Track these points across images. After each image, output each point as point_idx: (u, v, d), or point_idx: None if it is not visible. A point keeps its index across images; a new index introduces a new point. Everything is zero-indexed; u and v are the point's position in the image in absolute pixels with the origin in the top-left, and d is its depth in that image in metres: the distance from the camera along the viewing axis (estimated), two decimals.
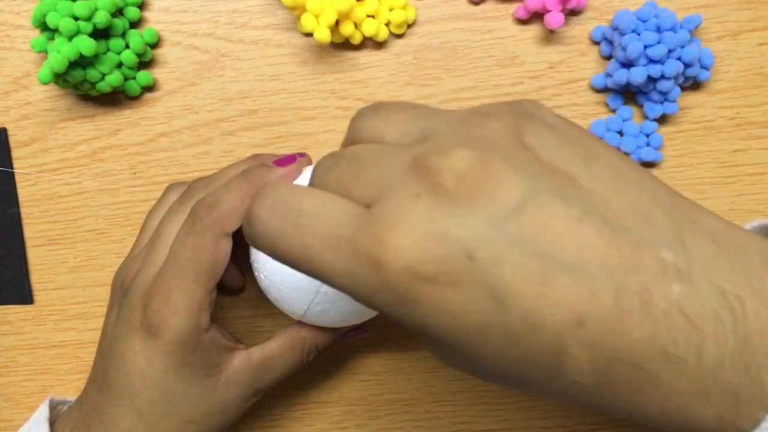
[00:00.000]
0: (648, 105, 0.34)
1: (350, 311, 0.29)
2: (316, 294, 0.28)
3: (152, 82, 0.35)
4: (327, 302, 0.28)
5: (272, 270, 0.28)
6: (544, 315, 0.16)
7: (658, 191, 0.18)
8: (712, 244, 0.17)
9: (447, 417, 0.37)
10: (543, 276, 0.16)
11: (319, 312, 0.29)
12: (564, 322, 0.16)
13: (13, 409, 0.38)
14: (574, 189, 0.17)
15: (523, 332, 0.16)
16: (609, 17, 0.34)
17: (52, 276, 0.37)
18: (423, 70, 0.35)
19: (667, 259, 0.16)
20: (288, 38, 0.36)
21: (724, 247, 0.17)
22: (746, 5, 0.34)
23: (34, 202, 0.37)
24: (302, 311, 0.29)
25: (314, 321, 0.30)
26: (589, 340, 0.16)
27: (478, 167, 0.17)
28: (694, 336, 0.16)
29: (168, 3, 0.36)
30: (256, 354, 0.30)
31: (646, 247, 0.16)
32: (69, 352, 0.38)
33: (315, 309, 0.29)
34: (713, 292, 0.16)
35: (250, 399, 0.31)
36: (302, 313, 0.29)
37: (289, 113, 0.36)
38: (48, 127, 0.36)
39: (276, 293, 0.29)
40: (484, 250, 0.16)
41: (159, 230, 0.30)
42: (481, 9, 0.35)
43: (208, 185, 0.30)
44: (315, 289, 0.28)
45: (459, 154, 0.17)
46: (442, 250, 0.16)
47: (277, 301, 0.30)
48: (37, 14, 0.32)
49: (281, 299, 0.29)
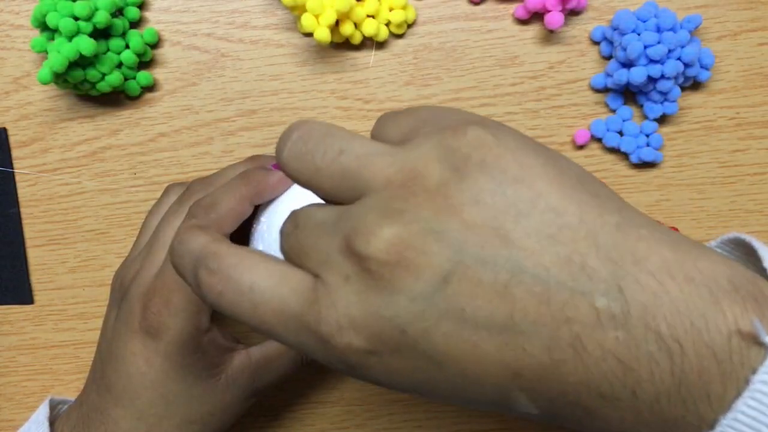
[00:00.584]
0: (648, 105, 0.34)
1: None
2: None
3: (152, 82, 0.35)
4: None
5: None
6: (481, 373, 0.17)
7: (603, 228, 0.17)
8: (655, 284, 0.17)
9: (447, 417, 0.37)
10: (475, 340, 0.17)
11: None
12: (501, 377, 0.17)
13: (13, 409, 0.38)
14: (503, 248, 0.17)
15: (466, 385, 0.18)
16: (609, 17, 0.34)
17: (52, 276, 0.37)
18: (423, 70, 0.35)
19: (601, 307, 0.16)
20: (288, 38, 0.36)
21: (669, 286, 0.17)
22: (746, 5, 0.34)
23: (34, 202, 0.37)
24: None
25: None
26: (528, 387, 0.17)
27: (399, 247, 0.17)
28: (629, 378, 0.16)
29: (168, 3, 0.36)
30: (255, 354, 0.30)
31: (579, 298, 0.16)
32: (69, 352, 0.38)
33: None
34: (650, 335, 0.16)
35: (250, 399, 0.31)
36: None
37: (289, 113, 0.36)
38: (48, 127, 0.36)
39: None
40: (414, 325, 0.17)
41: (158, 231, 0.30)
42: (481, 9, 0.35)
43: (207, 186, 0.30)
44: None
45: (380, 235, 0.17)
46: (376, 327, 0.17)
47: None
48: (37, 14, 0.32)
49: None
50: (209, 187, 0.30)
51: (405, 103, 0.35)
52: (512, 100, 0.35)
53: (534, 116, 0.35)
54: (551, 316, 0.16)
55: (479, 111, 0.35)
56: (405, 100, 0.35)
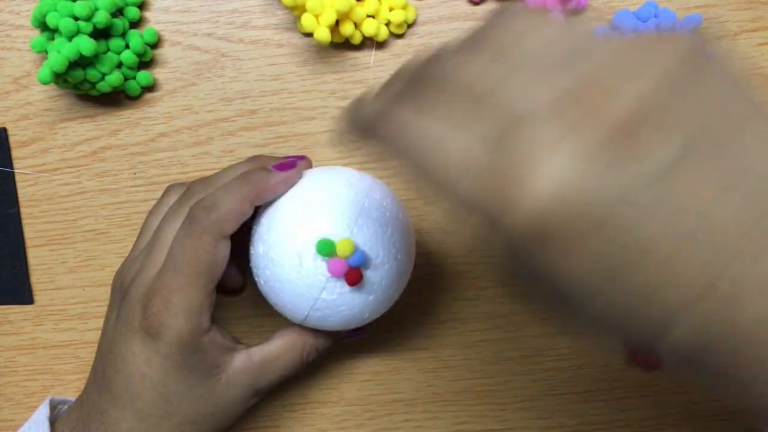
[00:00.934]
0: None
1: (350, 317, 0.29)
2: (316, 301, 0.28)
3: (152, 82, 0.35)
4: (327, 308, 0.28)
5: (271, 276, 0.28)
6: (670, 280, 0.15)
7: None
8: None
9: (447, 417, 0.37)
10: (681, 242, 0.15)
11: (319, 318, 0.29)
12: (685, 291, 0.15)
13: (13, 409, 0.38)
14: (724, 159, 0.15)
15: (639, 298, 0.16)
16: (609, 17, 0.34)
17: (52, 276, 0.37)
18: None
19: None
20: (288, 38, 0.35)
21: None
22: (746, 5, 0.34)
23: (34, 202, 0.37)
24: (302, 317, 0.29)
25: (314, 326, 0.30)
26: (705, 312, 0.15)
27: (640, 114, 0.15)
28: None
29: (168, 3, 0.36)
30: (256, 355, 0.30)
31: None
32: (69, 352, 0.38)
33: (315, 315, 0.28)
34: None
35: (251, 400, 0.31)
36: (302, 319, 0.29)
37: (289, 113, 0.36)
38: (48, 127, 0.36)
39: (276, 299, 0.29)
40: (632, 205, 0.15)
41: (158, 232, 0.29)
42: (481, 9, 0.35)
43: (208, 186, 0.30)
44: (315, 295, 0.28)
45: (623, 92, 0.15)
46: (585, 200, 0.15)
47: (277, 306, 0.30)
48: (37, 14, 0.32)
49: (281, 305, 0.29)
50: (210, 187, 0.30)
51: None
52: None
53: None
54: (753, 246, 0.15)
55: None
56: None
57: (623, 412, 0.36)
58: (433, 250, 0.36)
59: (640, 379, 0.36)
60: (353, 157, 0.36)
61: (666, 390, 0.36)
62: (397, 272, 0.29)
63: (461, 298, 0.36)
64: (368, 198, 0.29)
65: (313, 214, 0.28)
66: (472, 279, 0.36)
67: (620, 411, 0.36)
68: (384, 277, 0.28)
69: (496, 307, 0.36)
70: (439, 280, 0.36)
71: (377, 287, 0.28)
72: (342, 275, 0.27)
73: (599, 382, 0.36)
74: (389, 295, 0.29)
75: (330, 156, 0.36)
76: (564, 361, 0.36)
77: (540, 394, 0.36)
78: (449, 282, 0.36)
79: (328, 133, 0.36)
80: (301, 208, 0.28)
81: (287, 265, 0.27)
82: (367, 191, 0.29)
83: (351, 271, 0.27)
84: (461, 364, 0.37)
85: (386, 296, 0.29)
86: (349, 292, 0.28)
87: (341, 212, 0.28)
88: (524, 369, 0.36)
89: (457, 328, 0.36)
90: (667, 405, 0.36)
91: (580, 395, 0.36)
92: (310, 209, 0.28)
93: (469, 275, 0.36)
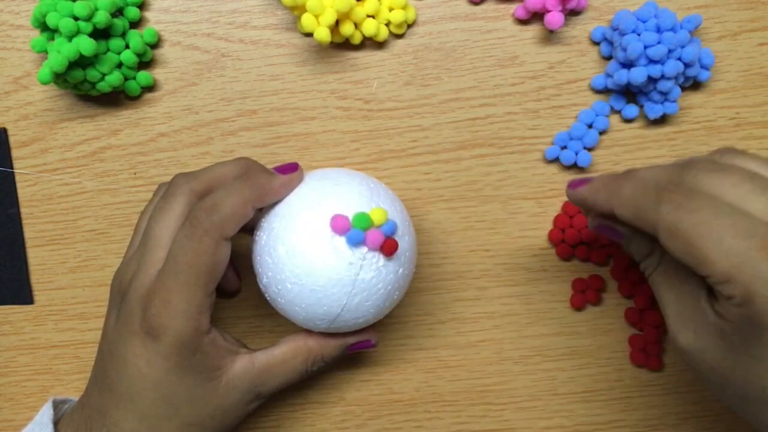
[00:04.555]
0: (648, 105, 0.34)
1: (384, 296, 0.29)
2: (354, 284, 0.28)
3: (152, 82, 0.35)
4: (365, 291, 0.28)
5: (302, 275, 0.28)
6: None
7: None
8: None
9: (447, 417, 0.37)
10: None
11: (356, 304, 0.28)
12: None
13: (13, 409, 0.38)
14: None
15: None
16: (609, 17, 0.34)
17: (52, 276, 0.37)
18: (423, 70, 0.35)
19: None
20: (288, 38, 0.35)
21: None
22: (746, 5, 0.34)
23: (34, 202, 0.37)
24: (337, 311, 0.28)
25: (345, 321, 0.29)
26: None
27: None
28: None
29: (168, 3, 0.36)
30: (259, 359, 0.30)
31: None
32: (69, 352, 0.38)
33: (352, 302, 0.28)
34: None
35: (252, 403, 0.31)
36: (337, 314, 0.28)
37: (289, 113, 0.36)
38: (48, 127, 0.36)
39: (307, 300, 0.28)
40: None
41: (147, 231, 0.29)
42: (481, 9, 0.35)
43: (191, 179, 0.29)
44: (353, 278, 0.27)
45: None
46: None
47: (306, 309, 0.29)
48: (37, 14, 0.32)
49: (313, 304, 0.28)
50: (192, 179, 0.29)
51: (405, 102, 0.35)
52: (512, 100, 0.35)
53: (534, 116, 0.35)
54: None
55: (479, 111, 0.35)
56: (405, 100, 0.35)
57: (623, 412, 0.36)
58: (433, 250, 0.36)
59: (640, 380, 0.36)
60: (353, 158, 0.36)
61: (666, 390, 0.36)
62: (413, 246, 0.30)
63: (461, 298, 0.36)
64: (372, 181, 0.30)
65: (332, 201, 0.28)
66: (472, 279, 0.36)
67: (620, 411, 0.36)
68: (408, 248, 0.29)
69: (496, 307, 0.36)
70: (439, 280, 0.36)
71: (404, 259, 0.29)
72: (380, 246, 0.27)
73: (599, 382, 0.36)
74: (410, 271, 0.30)
75: (330, 156, 0.36)
76: (564, 361, 0.36)
77: (540, 394, 0.37)
78: (449, 282, 0.36)
79: (328, 133, 0.36)
80: (316, 200, 0.28)
81: (319, 256, 0.27)
82: (368, 178, 0.30)
83: (388, 240, 0.27)
84: (461, 364, 0.37)
85: (409, 271, 0.30)
86: (383, 266, 0.28)
87: (357, 192, 0.28)
88: (524, 369, 0.36)
89: (457, 328, 0.36)
90: (667, 405, 0.36)
91: (580, 395, 0.36)
92: (327, 199, 0.28)
93: (469, 275, 0.36)
